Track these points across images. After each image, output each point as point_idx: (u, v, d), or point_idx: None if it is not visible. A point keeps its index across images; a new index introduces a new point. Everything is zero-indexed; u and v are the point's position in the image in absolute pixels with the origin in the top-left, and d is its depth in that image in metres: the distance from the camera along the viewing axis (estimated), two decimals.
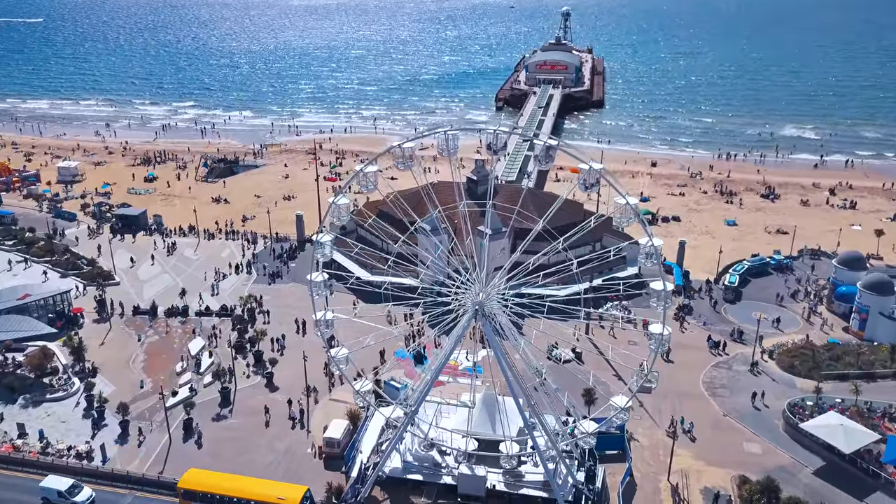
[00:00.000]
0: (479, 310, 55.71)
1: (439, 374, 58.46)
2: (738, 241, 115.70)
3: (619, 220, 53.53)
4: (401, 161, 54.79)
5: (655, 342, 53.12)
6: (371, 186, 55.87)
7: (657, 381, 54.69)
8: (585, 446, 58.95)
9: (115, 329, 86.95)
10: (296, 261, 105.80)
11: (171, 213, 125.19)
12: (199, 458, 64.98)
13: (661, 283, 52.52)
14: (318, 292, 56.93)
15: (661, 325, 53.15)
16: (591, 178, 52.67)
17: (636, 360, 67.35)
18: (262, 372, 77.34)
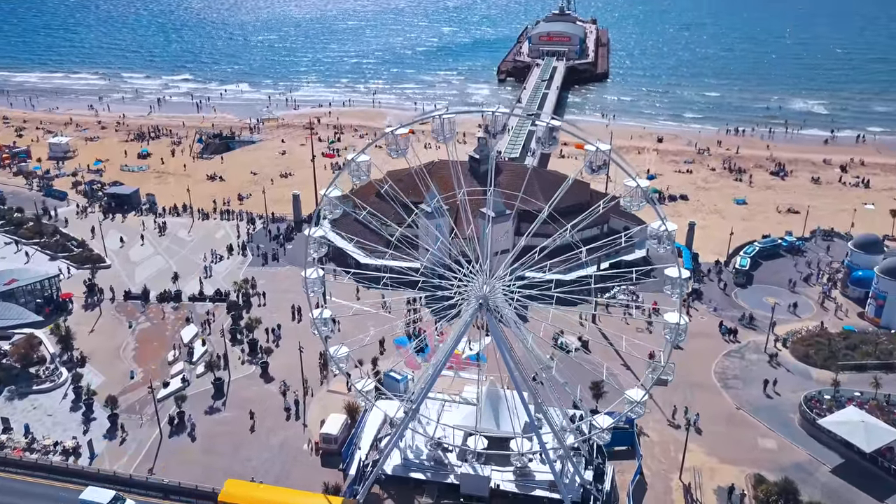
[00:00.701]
0: (483, 303, 52.59)
1: (442, 369, 55.49)
2: (747, 220, 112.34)
3: (628, 203, 49.97)
4: (394, 149, 51.33)
5: (671, 332, 49.95)
6: (364, 177, 52.54)
7: (673, 373, 51.86)
8: (600, 442, 56.06)
9: (106, 315, 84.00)
10: (292, 242, 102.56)
11: (164, 192, 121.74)
12: (191, 455, 62.46)
13: (675, 269, 49.11)
14: (313, 289, 53.84)
15: (677, 315, 49.90)
16: (597, 160, 49.16)
17: (646, 349, 65.15)
18: (257, 361, 74.54)
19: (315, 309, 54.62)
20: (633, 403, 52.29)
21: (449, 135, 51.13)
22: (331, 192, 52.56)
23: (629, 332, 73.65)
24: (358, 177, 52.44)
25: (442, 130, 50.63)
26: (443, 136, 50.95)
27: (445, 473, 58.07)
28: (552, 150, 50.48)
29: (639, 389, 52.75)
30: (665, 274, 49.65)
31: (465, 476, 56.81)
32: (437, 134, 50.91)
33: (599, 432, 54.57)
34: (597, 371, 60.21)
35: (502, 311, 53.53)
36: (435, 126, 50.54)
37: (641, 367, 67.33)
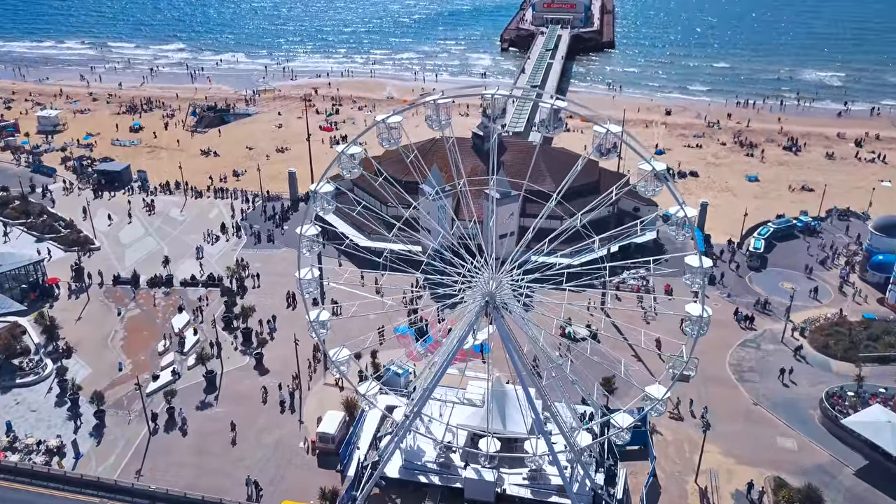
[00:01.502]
0: (489, 301, 48.99)
1: (445, 370, 52.03)
2: (760, 199, 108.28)
3: (643, 187, 46.01)
4: (385, 138, 47.32)
5: (694, 325, 46.03)
6: (356, 170, 48.67)
7: (696, 368, 48.36)
8: (619, 441, 52.75)
9: (94, 301, 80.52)
10: (288, 223, 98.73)
11: (156, 168, 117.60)
12: (182, 454, 59.42)
13: (696, 257, 44.98)
14: (308, 290, 50.20)
15: (698, 306, 45.92)
16: (608, 142, 45.02)
17: (663, 339, 61.71)
18: (251, 352, 71.26)
19: (312, 310, 50.97)
20: (653, 401, 48.62)
21: (445, 121, 47.09)
22: (321, 188, 48.63)
23: (638, 321, 70.50)
24: (349, 170, 48.51)
25: (437, 117, 46.55)
26: (438, 123, 46.92)
27: (449, 477, 55.02)
28: (557, 134, 46.02)
29: (659, 386, 48.88)
30: (685, 263, 45.81)
31: (469, 481, 53.80)
32: (432, 121, 46.84)
33: (619, 432, 51.12)
34: (608, 364, 56.66)
35: (510, 308, 50.03)
36: (429, 112, 46.50)
37: (654, 358, 64.51)
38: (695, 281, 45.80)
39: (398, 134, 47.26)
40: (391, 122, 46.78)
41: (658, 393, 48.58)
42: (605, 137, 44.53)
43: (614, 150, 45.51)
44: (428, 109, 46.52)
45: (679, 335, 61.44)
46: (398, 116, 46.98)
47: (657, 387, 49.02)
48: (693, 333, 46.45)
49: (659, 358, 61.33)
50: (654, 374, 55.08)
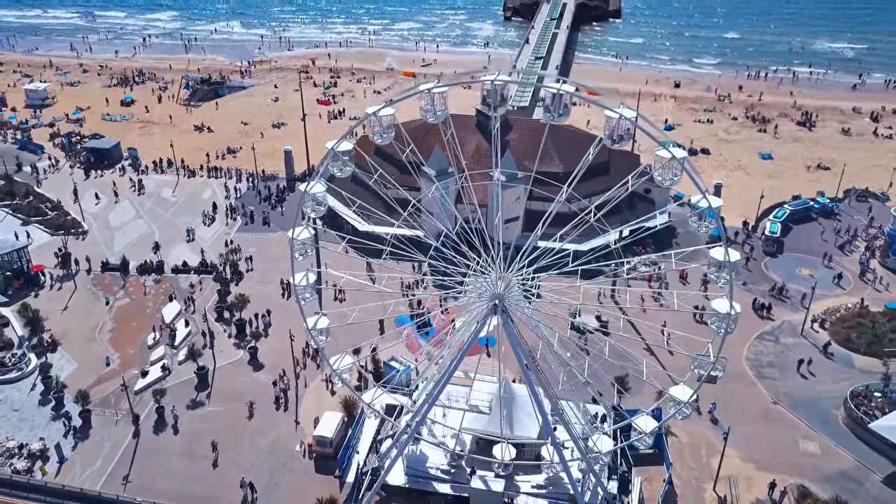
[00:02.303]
0: (498, 304, 45.40)
1: (450, 377, 48.59)
2: (774, 178, 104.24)
3: (661, 176, 42.03)
4: (377, 132, 43.30)
5: (721, 322, 42.36)
6: (348, 168, 44.78)
7: (724, 368, 44.80)
8: (642, 446, 49.36)
9: (81, 290, 76.96)
10: (284, 204, 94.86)
11: (148, 144, 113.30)
12: (172, 458, 56.30)
13: (722, 250, 40.96)
14: (303, 296, 46.54)
15: (726, 302, 42.02)
16: (620, 128, 40.86)
17: (678, 332, 57.89)
18: (245, 345, 67.96)
19: (310, 318, 47.39)
20: (678, 404, 44.79)
21: (440, 110, 43.04)
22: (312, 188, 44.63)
23: (650, 314, 67.08)
24: (340, 168, 44.61)
25: (432, 107, 42.50)
26: (433, 114, 42.90)
27: (455, 486, 51.92)
28: (563, 121, 41.67)
29: (684, 387, 45.05)
30: (710, 256, 41.92)
31: (476, 491, 50.70)
32: (427, 112, 42.80)
33: (641, 437, 47.71)
34: (628, 366, 53.10)
35: (521, 310, 46.50)
36: (424, 104, 42.47)
37: (668, 352, 61.03)
38: (720, 276, 42.13)
39: (391, 126, 43.19)
40: (383, 115, 42.65)
41: (683, 395, 44.80)
42: (617, 124, 40.51)
43: (628, 137, 41.51)
44: (422, 100, 42.43)
45: (694, 327, 58.32)
46: (391, 109, 42.84)
47: (682, 388, 45.15)
48: (720, 331, 42.90)
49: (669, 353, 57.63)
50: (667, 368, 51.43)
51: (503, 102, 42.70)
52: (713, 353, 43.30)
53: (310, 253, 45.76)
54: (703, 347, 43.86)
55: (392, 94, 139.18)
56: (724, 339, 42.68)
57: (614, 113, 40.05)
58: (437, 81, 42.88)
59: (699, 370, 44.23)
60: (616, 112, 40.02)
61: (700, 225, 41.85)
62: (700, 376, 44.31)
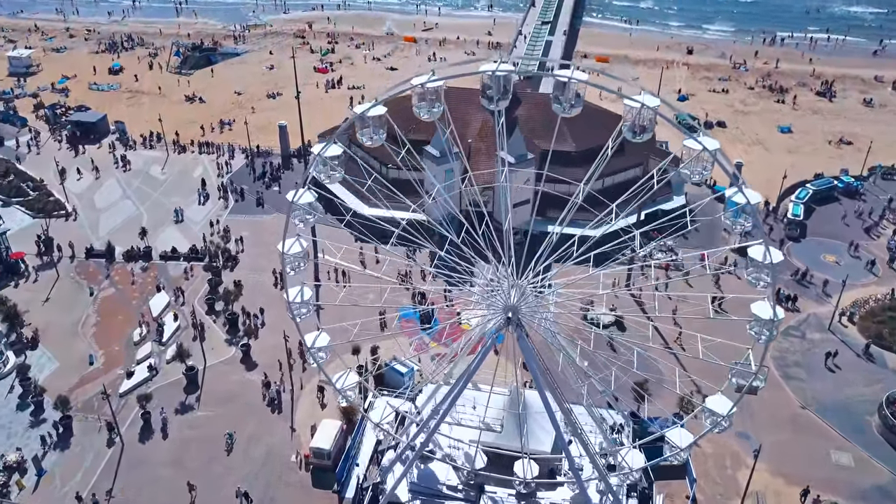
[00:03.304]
0: (511, 318, 41.01)
1: (459, 396, 44.39)
2: (794, 154, 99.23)
3: (689, 170, 37.17)
4: (367, 135, 38.33)
5: (758, 326, 37.67)
6: (338, 174, 39.94)
7: (765, 378, 40.42)
8: (677, 462, 45.00)
9: (64, 279, 72.56)
10: (280, 183, 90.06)
11: (137, 116, 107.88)
12: (158, 469, 52.62)
13: (762, 249, 35.75)
14: (299, 312, 42.17)
15: (767, 307, 37.20)
16: (642, 119, 35.96)
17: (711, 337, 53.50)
18: (237, 342, 63.88)
19: (308, 335, 43.12)
20: (719, 417, 40.01)
21: (437, 108, 38.13)
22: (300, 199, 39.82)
23: (670, 303, 62.73)
24: (326, 174, 39.83)
25: (426, 103, 37.61)
26: (429, 112, 38.04)
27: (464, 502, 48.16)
28: (575, 113, 36.54)
29: (722, 397, 40.28)
30: (748, 255, 36.87)
31: None
32: (421, 109, 37.92)
33: (677, 452, 43.18)
34: (649, 373, 48.81)
35: (537, 322, 42.20)
36: (417, 102, 37.59)
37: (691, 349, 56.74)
38: (761, 277, 37.39)
39: (383, 126, 38.30)
40: (372, 115, 37.70)
41: (722, 407, 40.05)
42: (638, 114, 35.60)
43: (650, 127, 36.54)
44: (415, 96, 37.55)
45: (729, 331, 53.99)
46: (381, 108, 37.76)
47: (720, 398, 40.33)
48: (760, 337, 38.51)
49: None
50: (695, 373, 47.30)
51: (505, 95, 37.68)
52: (754, 362, 38.90)
53: (303, 266, 41.22)
54: (740, 353, 39.47)
55: (392, 62, 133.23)
56: (767, 346, 38.30)
57: (635, 102, 35.16)
58: (431, 74, 37.60)
59: (738, 380, 39.71)
60: (636, 101, 35.09)
61: (735, 223, 37.24)
62: (739, 386, 39.79)
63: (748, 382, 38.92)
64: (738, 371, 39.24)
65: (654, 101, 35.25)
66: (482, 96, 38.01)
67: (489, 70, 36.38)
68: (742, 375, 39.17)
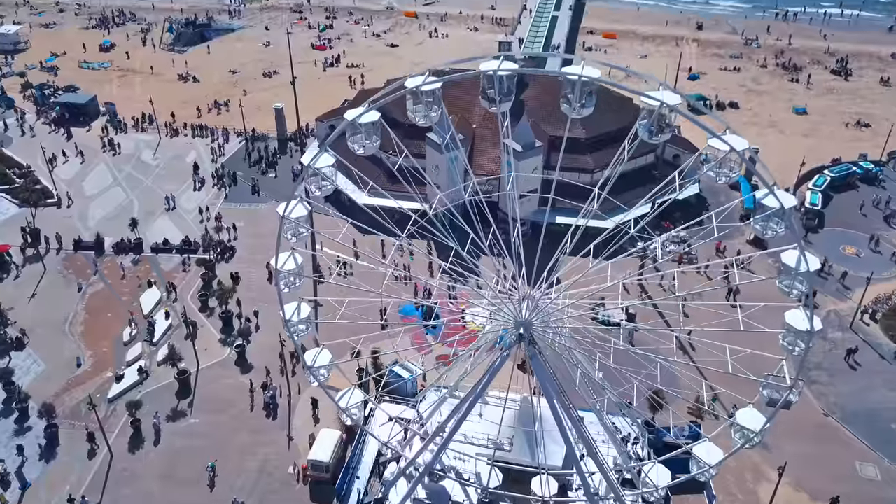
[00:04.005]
0: (523, 335, 37.97)
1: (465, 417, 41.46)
2: (810, 137, 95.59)
3: (715, 172, 33.79)
4: (359, 143, 34.86)
5: (791, 337, 34.71)
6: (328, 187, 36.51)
7: (800, 392, 37.44)
8: (704, 478, 42.04)
9: (51, 273, 69.53)
10: (276, 169, 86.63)
11: (128, 97, 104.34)
12: (148, 482, 50.02)
13: (796, 254, 32.27)
14: (297, 329, 39.21)
15: (802, 316, 34.09)
16: (661, 119, 32.27)
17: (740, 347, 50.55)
18: (232, 342, 60.98)
19: (308, 352, 40.20)
20: (749, 433, 36.43)
21: (434, 111, 34.69)
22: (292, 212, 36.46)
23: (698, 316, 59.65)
24: (319, 186, 36.50)
25: (423, 107, 34.21)
26: (426, 117, 34.60)
27: None
28: (586, 114, 32.92)
29: (754, 411, 36.86)
30: (781, 262, 33.41)
31: None
32: (416, 113, 34.42)
33: (706, 470, 39.36)
34: (675, 388, 45.93)
35: (551, 337, 39.22)
36: (413, 106, 34.16)
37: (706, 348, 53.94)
38: (794, 286, 34.20)
39: (376, 134, 34.87)
40: (365, 121, 34.22)
41: (754, 422, 36.56)
42: (655, 115, 32.03)
43: (669, 128, 32.99)
44: (410, 103, 34.10)
45: (759, 341, 51.07)
46: (374, 114, 34.27)
47: (751, 412, 36.86)
48: (794, 349, 35.36)
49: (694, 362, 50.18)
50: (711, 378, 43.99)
51: (509, 96, 34.12)
52: (788, 375, 35.82)
53: (298, 283, 38.13)
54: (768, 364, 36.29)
55: (392, 38, 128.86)
56: (803, 359, 35.15)
57: (654, 100, 31.57)
58: (426, 74, 33.95)
59: (771, 393, 36.69)
60: (656, 100, 31.51)
61: (766, 227, 33.96)
62: (772, 400, 36.69)
63: (783, 397, 35.88)
64: (771, 384, 36.28)
65: (674, 99, 31.64)
66: (482, 97, 34.47)
67: (490, 70, 32.78)
68: (775, 389, 36.17)
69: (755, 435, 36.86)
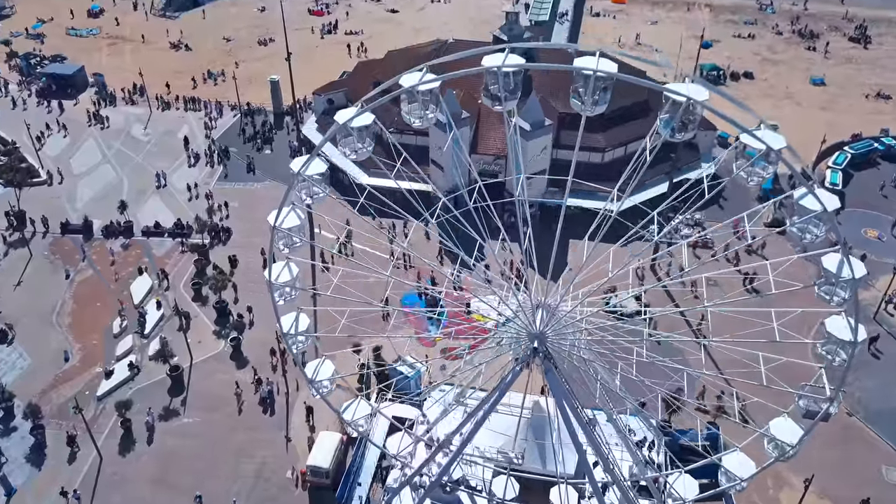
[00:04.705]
0: (538, 348, 34.99)
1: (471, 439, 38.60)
2: (829, 110, 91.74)
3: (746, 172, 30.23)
4: (351, 147, 31.12)
5: (838, 348, 31.64)
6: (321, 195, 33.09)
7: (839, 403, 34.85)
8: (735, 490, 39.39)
9: (37, 258, 66.55)
10: (272, 145, 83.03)
11: (117, 66, 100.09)
12: (139, 487, 47.70)
13: (838, 258, 29.45)
14: (296, 342, 36.31)
15: (844, 323, 31.11)
16: (684, 114, 28.17)
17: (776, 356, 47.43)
18: (226, 334, 58.24)
19: (308, 365, 37.34)
20: (785, 446, 33.32)
21: (433, 113, 31.00)
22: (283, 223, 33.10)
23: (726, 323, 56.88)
24: (310, 194, 33.06)
25: (421, 106, 30.50)
26: (423, 118, 30.88)
27: None
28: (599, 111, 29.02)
29: (788, 421, 33.76)
30: (822, 267, 30.30)
31: None
32: (413, 114, 30.67)
33: (737, 484, 36.39)
34: (685, 388, 43.08)
35: (569, 350, 36.34)
36: (408, 107, 30.42)
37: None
38: (835, 293, 31.13)
39: (370, 139, 31.23)
40: (358, 125, 30.58)
41: (789, 434, 33.37)
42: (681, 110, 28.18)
43: (694, 124, 29.28)
44: (405, 104, 30.45)
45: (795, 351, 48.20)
46: (368, 116, 30.59)
47: (786, 422, 33.74)
48: (834, 359, 32.47)
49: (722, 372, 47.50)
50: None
51: (515, 92, 30.28)
52: (828, 385, 32.88)
53: (294, 295, 35.10)
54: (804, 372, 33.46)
55: (392, 2, 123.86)
56: (846, 371, 32.24)
57: (679, 95, 27.66)
58: (423, 71, 30.10)
59: (808, 404, 33.59)
60: (682, 95, 27.64)
61: (805, 231, 30.78)
62: (809, 412, 33.71)
63: (822, 410, 32.92)
64: (808, 395, 33.47)
65: (702, 94, 27.76)
66: (484, 94, 30.74)
67: (495, 66, 28.95)
68: (813, 400, 33.34)
69: (792, 448, 34.18)
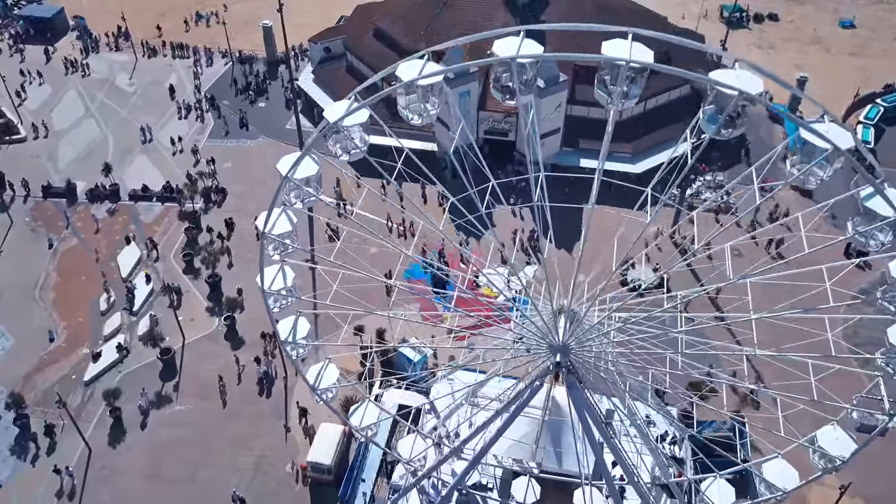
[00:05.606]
0: (561, 363, 31.42)
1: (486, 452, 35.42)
2: (859, 55, 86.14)
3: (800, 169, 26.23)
4: (342, 146, 26.72)
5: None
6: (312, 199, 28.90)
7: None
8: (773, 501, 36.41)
9: (18, 226, 62.66)
10: (267, 97, 77.91)
11: (100, 7, 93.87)
12: (131, 481, 45.11)
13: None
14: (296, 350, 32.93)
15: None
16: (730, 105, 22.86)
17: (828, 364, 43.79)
18: (221, 312, 54.83)
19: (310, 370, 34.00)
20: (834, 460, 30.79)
21: (433, 109, 26.34)
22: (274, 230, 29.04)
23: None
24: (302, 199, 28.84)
25: (420, 102, 25.97)
26: (423, 114, 26.35)
27: None
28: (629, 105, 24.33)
29: (838, 429, 31.13)
30: (890, 274, 27.83)
31: None
32: (410, 109, 26.19)
33: (779, 496, 33.62)
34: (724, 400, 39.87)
35: (595, 363, 32.86)
36: (405, 102, 26.02)
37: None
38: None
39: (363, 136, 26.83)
40: (352, 123, 26.10)
41: (839, 447, 30.74)
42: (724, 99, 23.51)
43: (742, 120, 24.76)
44: (402, 98, 25.92)
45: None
46: (363, 113, 26.02)
47: (835, 432, 31.19)
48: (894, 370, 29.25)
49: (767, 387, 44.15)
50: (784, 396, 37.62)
51: (528, 86, 25.69)
52: (887, 398, 29.58)
53: (290, 302, 31.42)
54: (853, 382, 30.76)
55: None
56: None
57: (730, 89, 22.86)
58: (425, 59, 25.49)
59: (862, 417, 30.76)
60: (732, 88, 22.85)
61: (869, 236, 27.17)
62: (864, 427, 30.78)
63: (880, 426, 29.76)
64: (863, 408, 30.31)
65: (756, 86, 23.04)
66: (494, 87, 26.27)
67: (508, 57, 24.24)
68: (867, 413, 30.26)
69: (842, 463, 31.18)
